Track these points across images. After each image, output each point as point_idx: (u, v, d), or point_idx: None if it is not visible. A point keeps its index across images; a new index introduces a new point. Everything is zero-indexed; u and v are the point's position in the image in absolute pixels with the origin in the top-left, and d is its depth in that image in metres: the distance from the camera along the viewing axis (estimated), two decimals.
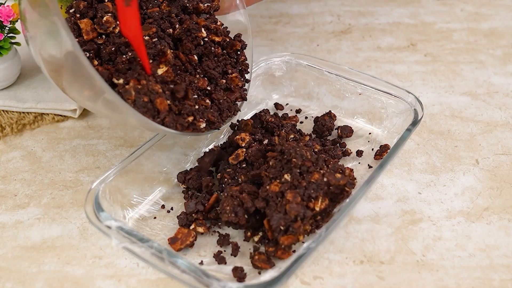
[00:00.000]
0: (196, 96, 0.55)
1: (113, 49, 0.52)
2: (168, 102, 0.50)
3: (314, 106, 0.70)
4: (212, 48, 0.58)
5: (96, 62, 0.52)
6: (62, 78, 0.50)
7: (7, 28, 0.68)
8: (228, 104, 0.58)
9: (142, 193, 0.57)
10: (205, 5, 0.61)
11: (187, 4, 0.60)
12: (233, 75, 0.59)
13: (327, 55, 0.83)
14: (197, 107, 0.53)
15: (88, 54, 0.52)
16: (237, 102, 0.59)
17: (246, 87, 0.61)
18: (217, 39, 0.59)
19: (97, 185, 0.52)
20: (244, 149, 0.59)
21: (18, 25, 0.71)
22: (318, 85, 0.69)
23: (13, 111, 0.70)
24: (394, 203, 0.58)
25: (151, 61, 0.53)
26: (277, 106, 0.71)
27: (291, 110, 0.71)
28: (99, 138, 0.67)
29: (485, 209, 0.57)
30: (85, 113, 0.71)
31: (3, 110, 0.70)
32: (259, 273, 0.50)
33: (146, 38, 0.54)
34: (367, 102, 0.66)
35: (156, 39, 0.54)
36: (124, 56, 0.51)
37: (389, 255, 0.53)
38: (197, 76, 0.56)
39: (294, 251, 0.51)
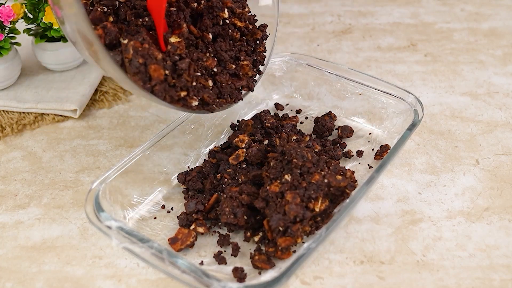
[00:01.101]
0: (199, 74, 0.53)
1: (132, 10, 0.51)
2: (166, 72, 0.49)
3: (314, 106, 0.70)
4: (230, 31, 0.57)
5: (111, 19, 0.51)
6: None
7: (7, 28, 0.68)
8: (231, 90, 0.56)
9: (142, 193, 0.57)
10: None
11: None
12: (245, 62, 0.58)
13: (327, 55, 0.83)
14: (194, 84, 0.52)
15: (105, 9, 0.51)
16: (242, 91, 0.58)
17: (256, 78, 0.60)
18: (239, 24, 0.57)
19: (97, 185, 0.52)
20: (244, 149, 0.59)
21: (18, 25, 0.71)
22: (318, 85, 0.69)
23: (13, 111, 0.70)
24: (394, 203, 0.58)
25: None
26: (277, 106, 0.71)
27: (291, 110, 0.71)
28: (99, 138, 0.67)
29: (485, 209, 0.57)
30: (85, 113, 0.71)
31: (3, 110, 0.70)
32: (259, 273, 0.50)
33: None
34: (367, 102, 0.66)
35: (174, 9, 0.53)
36: (140, 19, 0.50)
37: (389, 255, 0.53)
38: (207, 54, 0.55)
39: (294, 251, 0.51)
